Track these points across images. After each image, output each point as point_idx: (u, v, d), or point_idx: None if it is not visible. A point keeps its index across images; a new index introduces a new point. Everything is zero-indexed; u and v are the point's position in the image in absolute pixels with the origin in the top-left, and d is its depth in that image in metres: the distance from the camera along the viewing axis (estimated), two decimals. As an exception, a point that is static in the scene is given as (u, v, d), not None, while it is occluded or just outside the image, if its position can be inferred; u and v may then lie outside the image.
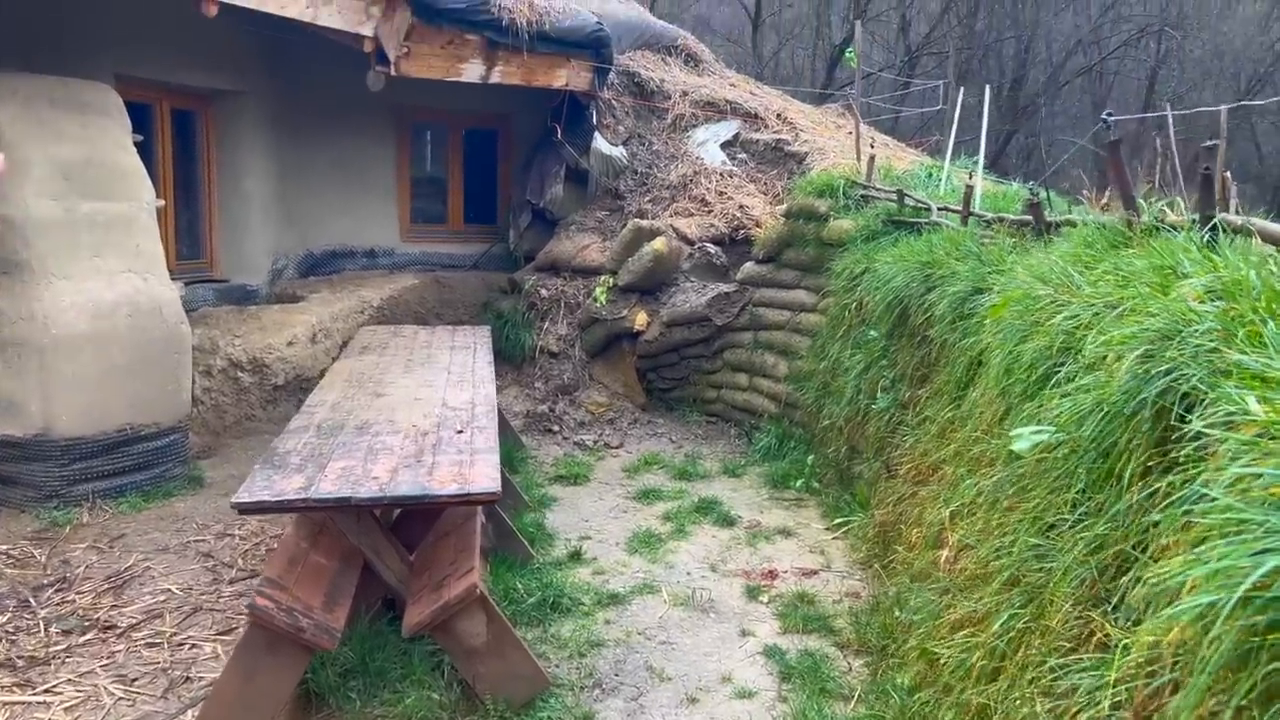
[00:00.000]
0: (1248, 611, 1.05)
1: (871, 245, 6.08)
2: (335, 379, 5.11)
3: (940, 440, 4.09)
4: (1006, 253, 4.30)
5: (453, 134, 9.63)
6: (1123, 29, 26.89)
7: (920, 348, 4.80)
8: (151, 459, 5.74)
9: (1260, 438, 1.29)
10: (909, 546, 4.13)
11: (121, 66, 6.73)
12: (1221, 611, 1.06)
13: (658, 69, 9.60)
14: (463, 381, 5.06)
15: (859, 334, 5.78)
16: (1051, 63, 27.28)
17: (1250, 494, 1.19)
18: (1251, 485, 1.21)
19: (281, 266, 8.66)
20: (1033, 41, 26.98)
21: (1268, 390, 1.37)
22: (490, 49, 7.89)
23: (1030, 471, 2.50)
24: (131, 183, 5.83)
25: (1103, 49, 27.40)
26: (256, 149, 8.22)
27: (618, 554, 5.15)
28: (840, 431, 5.82)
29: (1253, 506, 1.16)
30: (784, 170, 8.65)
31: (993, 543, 2.72)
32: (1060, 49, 27.21)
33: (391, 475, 3.43)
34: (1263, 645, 1.04)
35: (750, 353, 7.39)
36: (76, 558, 4.84)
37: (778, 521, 5.64)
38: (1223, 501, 1.22)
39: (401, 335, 6.39)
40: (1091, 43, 27.20)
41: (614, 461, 6.85)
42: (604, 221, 8.78)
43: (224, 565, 4.84)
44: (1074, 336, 2.45)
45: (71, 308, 5.35)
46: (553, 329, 8.17)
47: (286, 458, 3.63)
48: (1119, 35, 26.85)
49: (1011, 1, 27.05)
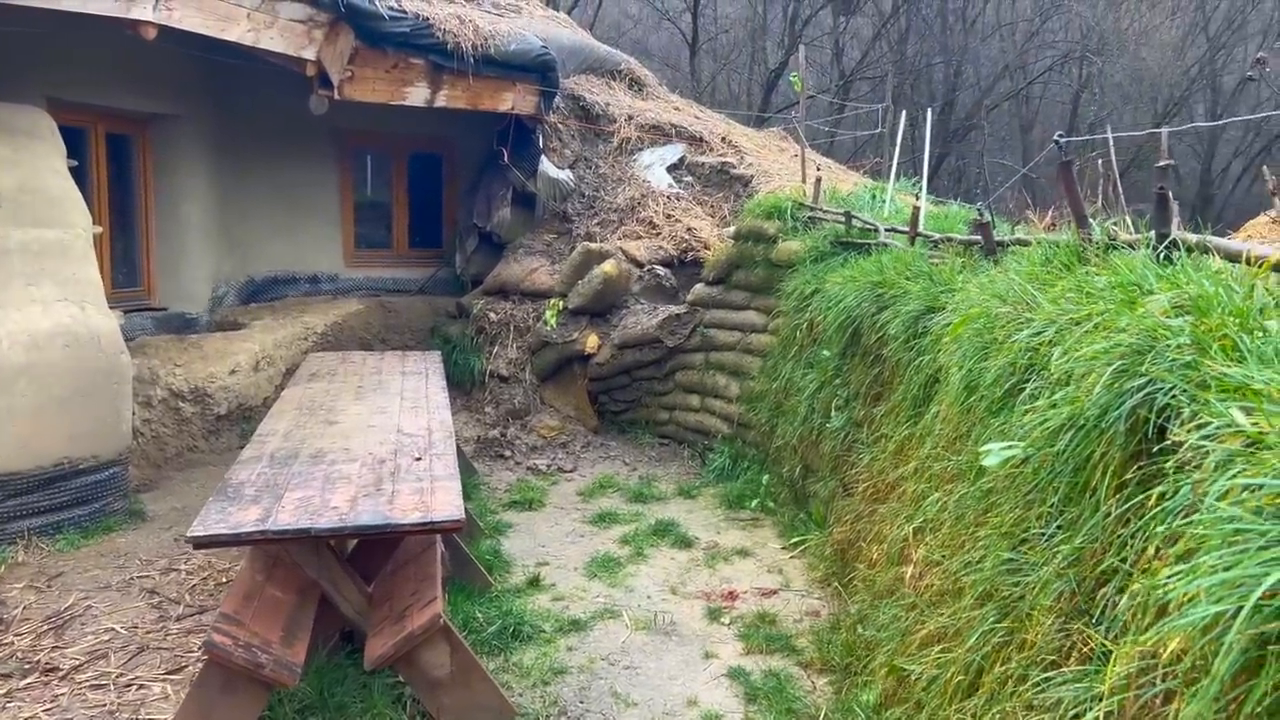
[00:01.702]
0: (1257, 620, 1.07)
1: (821, 266, 6.15)
2: (286, 407, 4.99)
3: (898, 458, 4.13)
4: (957, 272, 4.38)
5: (397, 158, 9.53)
6: (1046, 55, 27.81)
7: (874, 366, 4.85)
8: (91, 493, 5.54)
9: (1250, 448, 1.32)
10: (869, 564, 4.16)
11: (54, 89, 6.56)
12: (1234, 621, 1.08)
13: (603, 93, 9.64)
14: (417, 407, 4.98)
15: (811, 354, 5.84)
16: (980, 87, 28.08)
17: (1247, 504, 1.22)
18: (1246, 495, 1.23)
19: (222, 293, 8.47)
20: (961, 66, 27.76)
21: (1251, 401, 1.41)
22: (435, 73, 7.85)
23: (999, 486, 2.53)
24: (66, 209, 5.66)
25: (1028, 74, 28.30)
26: (195, 174, 8.05)
27: (577, 579, 5.10)
28: (794, 451, 5.86)
29: (1251, 516, 1.18)
30: (730, 193, 8.73)
31: (962, 557, 2.75)
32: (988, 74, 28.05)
33: (351, 505, 3.36)
34: (1274, 654, 1.06)
35: (702, 374, 7.42)
36: (13, 598, 4.64)
37: (735, 542, 5.64)
38: (1223, 511, 1.24)
39: (350, 361, 6.28)
40: (1018, 68, 28.07)
41: (568, 486, 6.80)
42: (552, 245, 8.76)
43: (170, 601, 4.68)
44: (1038, 353, 2.49)
45: (5, 338, 5.15)
46: (502, 353, 8.11)
47: (241, 489, 3.52)
48: (1043, 61, 27.76)
49: (940, 28, 27.83)
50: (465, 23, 7.92)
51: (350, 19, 7.13)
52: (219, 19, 6.30)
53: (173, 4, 5.95)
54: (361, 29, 7.26)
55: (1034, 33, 27.67)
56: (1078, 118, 28.12)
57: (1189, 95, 27.09)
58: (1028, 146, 29.80)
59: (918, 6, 27.60)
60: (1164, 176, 2.40)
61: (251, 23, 6.50)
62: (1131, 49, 27.55)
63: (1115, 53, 26.83)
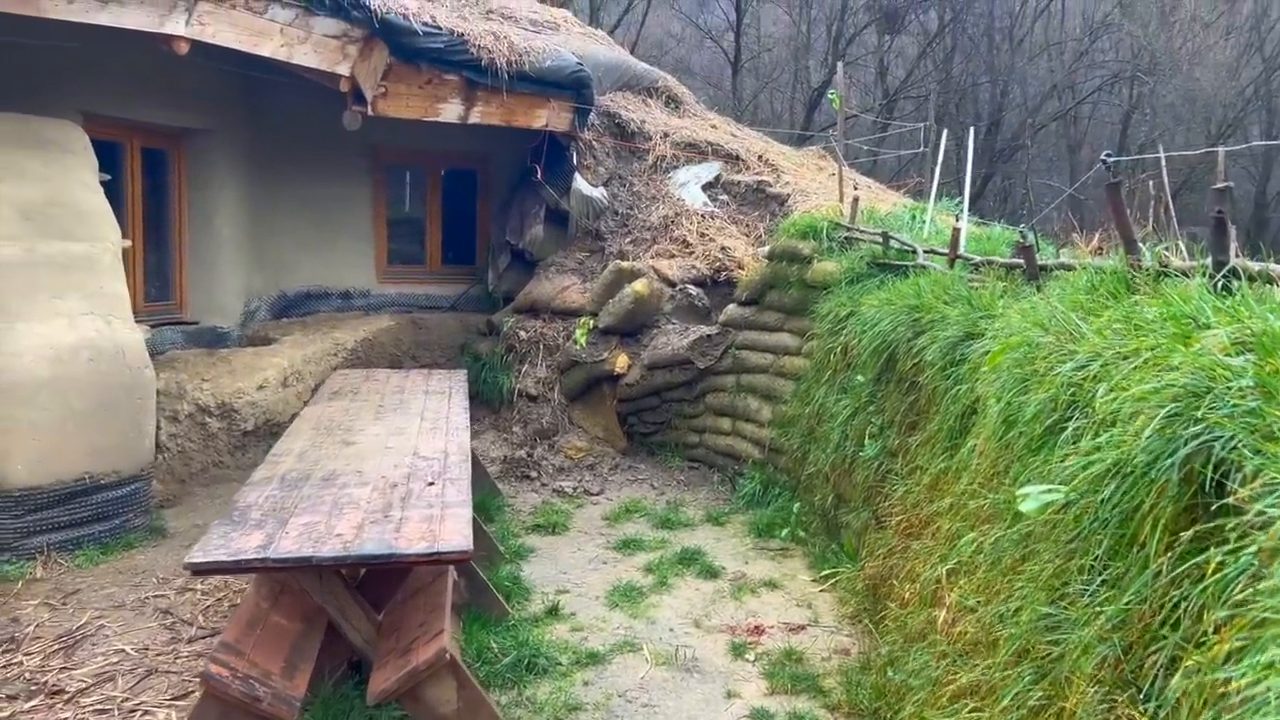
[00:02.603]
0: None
1: (857, 288, 5.96)
2: (303, 426, 4.91)
3: (933, 491, 3.93)
4: (997, 297, 4.18)
5: (431, 174, 9.50)
6: (1095, 75, 27.33)
7: (909, 394, 4.65)
8: (111, 509, 5.49)
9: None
10: (901, 603, 3.95)
11: (89, 104, 6.58)
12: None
13: (638, 110, 9.53)
14: (436, 429, 4.87)
15: (845, 379, 5.64)
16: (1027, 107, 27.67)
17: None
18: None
19: (254, 308, 8.46)
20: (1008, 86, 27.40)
21: (1328, 460, 1.23)
22: (469, 89, 7.80)
23: (1038, 533, 2.34)
24: (96, 223, 5.65)
25: (1076, 94, 27.84)
26: (229, 188, 8.05)
27: (597, 609, 4.93)
28: (826, 479, 5.66)
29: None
30: (766, 212, 8.57)
31: (997, 607, 2.55)
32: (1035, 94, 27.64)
33: (357, 532, 3.24)
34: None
35: (733, 396, 7.24)
36: (27, 615, 4.59)
37: (763, 573, 5.44)
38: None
39: (374, 379, 6.20)
40: (1066, 88, 27.63)
41: (594, 509, 6.65)
42: (584, 263, 8.65)
43: (183, 623, 4.59)
44: (1082, 389, 2.30)
45: (29, 351, 5.13)
46: (531, 371, 8.00)
47: (247, 512, 3.42)
48: (1092, 80, 27.28)
49: (987, 47, 27.49)
50: (500, 39, 7.86)
51: (384, 35, 7.10)
52: (252, 34, 6.29)
53: (205, 19, 5.95)
54: (396, 45, 7.23)
55: (1083, 52, 27.23)
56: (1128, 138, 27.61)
57: (1244, 116, 26.45)
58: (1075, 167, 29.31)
59: (964, 25, 27.32)
60: (1221, 199, 2.21)
61: (285, 38, 6.48)
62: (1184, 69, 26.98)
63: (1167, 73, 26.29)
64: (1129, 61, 26.60)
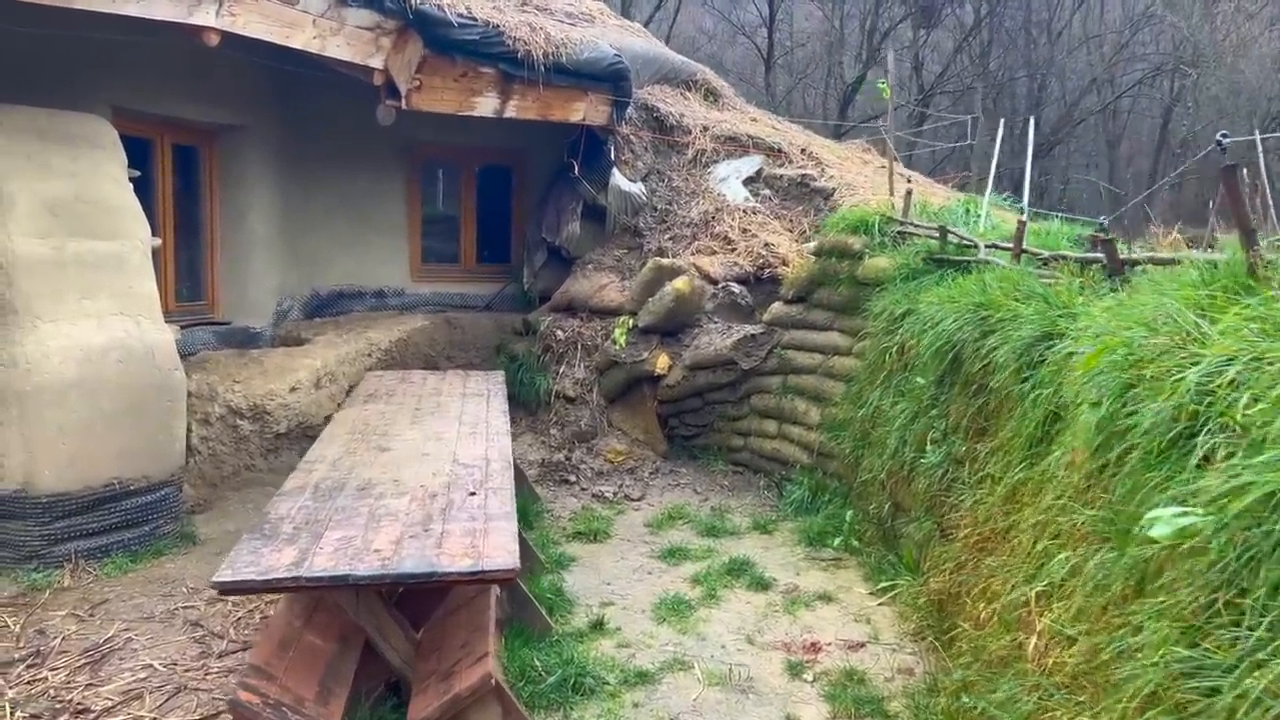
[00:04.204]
0: None
1: (913, 285, 5.68)
2: (337, 430, 4.72)
3: (1010, 504, 3.65)
4: (1077, 294, 3.90)
5: (465, 170, 9.30)
6: (1136, 68, 26.70)
7: (977, 397, 4.37)
8: (141, 516, 5.33)
9: None
10: (975, 623, 3.68)
11: (120, 99, 6.43)
12: None
13: (677, 103, 9.28)
14: (475, 433, 4.66)
15: (902, 380, 5.36)
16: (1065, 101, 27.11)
17: None
18: None
19: (287, 308, 8.30)
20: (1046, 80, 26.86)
21: None
22: (505, 82, 7.58)
23: (1164, 559, 2.07)
24: (125, 220, 5.48)
25: (1116, 88, 27.22)
26: (261, 186, 7.90)
27: (644, 623, 4.69)
28: (883, 486, 5.38)
29: None
30: (810, 207, 8.28)
31: (1107, 639, 2.28)
32: (1074, 87, 27.07)
33: (395, 548, 3.02)
34: None
35: (779, 398, 6.96)
36: (53, 627, 4.42)
37: (817, 585, 5.18)
38: None
39: (410, 381, 6.00)
40: (1105, 81, 27.02)
41: (635, 515, 6.41)
42: (622, 260, 8.42)
43: (213, 636, 4.41)
44: (1215, 398, 2.03)
45: (57, 352, 4.97)
46: (569, 372, 7.77)
47: (278, 525, 3.22)
48: (1132, 74, 26.65)
49: (1025, 41, 26.96)
50: (536, 30, 7.64)
51: (419, 26, 6.89)
52: (284, 25, 6.10)
53: (236, 9, 5.76)
54: (430, 36, 7.02)
55: (1123, 45, 26.61)
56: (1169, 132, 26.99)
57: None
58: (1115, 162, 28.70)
59: (1000, 19, 26.83)
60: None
61: (317, 29, 6.29)
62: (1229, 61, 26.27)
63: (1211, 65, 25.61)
64: (1170, 54, 25.97)
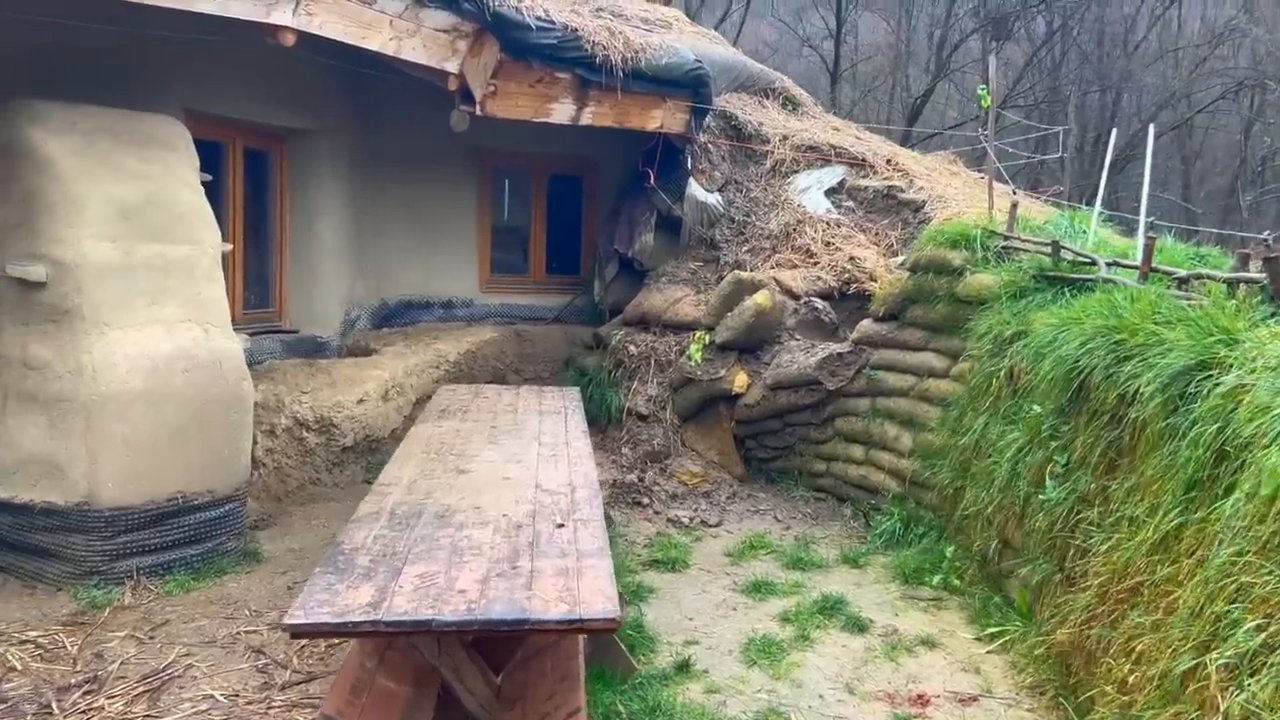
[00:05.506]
0: None
1: (1022, 304, 5.27)
2: (413, 448, 4.45)
3: (1163, 553, 3.24)
4: (1235, 318, 3.48)
5: (536, 179, 9.07)
6: (1215, 83, 25.72)
7: (1109, 430, 3.96)
8: (204, 532, 5.12)
9: None
10: (1119, 686, 3.27)
11: (193, 101, 6.30)
12: None
13: (755, 111, 8.95)
14: (556, 456, 4.36)
15: (1012, 407, 4.95)
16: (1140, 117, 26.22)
17: None
18: None
19: (355, 317, 8.12)
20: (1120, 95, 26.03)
21: None
22: (581, 88, 7.33)
23: None
24: (195, 224, 5.30)
25: (1193, 104, 26.24)
26: (331, 193, 7.73)
27: (732, 665, 4.34)
28: (988, 521, 4.97)
29: None
30: (898, 219, 7.89)
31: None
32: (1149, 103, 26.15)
33: (481, 588, 2.72)
34: None
35: (867, 422, 6.56)
36: (112, 650, 4.21)
37: (916, 628, 4.78)
38: None
39: (484, 397, 5.74)
40: (1183, 96, 26.09)
41: (714, 543, 6.06)
42: (697, 273, 8.10)
43: (277, 665, 4.16)
44: None
45: (124, 361, 4.79)
46: (642, 389, 7.45)
47: (353, 557, 2.94)
48: (1212, 89, 25.68)
49: (1098, 55, 26.15)
50: (615, 35, 7.38)
51: (496, 29, 6.67)
52: (361, 26, 5.90)
53: (314, 9, 5.57)
54: (507, 40, 6.79)
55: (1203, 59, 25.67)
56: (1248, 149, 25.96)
57: (1379, 126, 24.58)
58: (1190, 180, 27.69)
59: (1073, 33, 26.10)
60: None
61: (394, 31, 6.09)
62: (1316, 77, 25.18)
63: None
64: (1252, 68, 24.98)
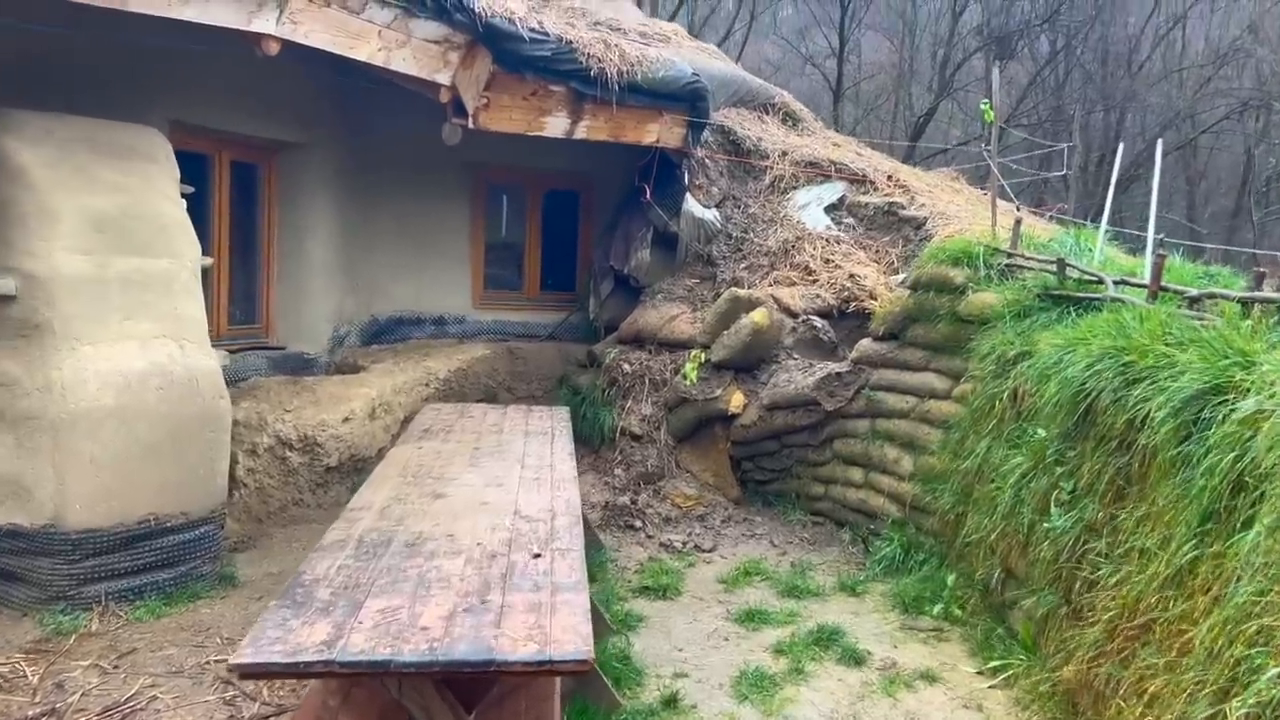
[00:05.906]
0: None
1: (1026, 323, 5.10)
2: (389, 471, 4.28)
3: (1176, 589, 3.06)
4: (1251, 339, 3.31)
5: (531, 194, 8.93)
6: (1219, 103, 25.60)
7: (1117, 456, 3.78)
8: (178, 555, 4.94)
9: None
10: (1130, 729, 3.08)
11: (178, 112, 6.17)
12: None
13: (754, 126, 8.81)
14: (539, 479, 4.18)
15: (1016, 431, 4.77)
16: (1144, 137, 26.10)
17: None
18: None
19: (344, 333, 7.97)
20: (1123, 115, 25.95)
21: None
22: (576, 101, 7.19)
23: None
24: (174, 238, 5.15)
25: (1197, 124, 26.13)
26: (321, 207, 7.59)
27: (722, 701, 4.14)
28: (991, 549, 4.78)
29: None
30: (899, 236, 7.73)
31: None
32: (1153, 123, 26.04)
33: (446, 625, 2.54)
34: None
35: (867, 444, 6.38)
36: (74, 680, 4.03)
37: (916, 661, 4.58)
38: None
39: (469, 416, 5.57)
40: (1186, 116, 25.99)
41: (707, 569, 5.87)
42: (694, 290, 7.93)
43: (246, 697, 3.98)
44: None
45: (95, 378, 4.63)
46: (636, 408, 7.27)
47: (313, 589, 2.76)
48: (1216, 110, 25.57)
49: (1101, 75, 26.08)
50: (611, 47, 7.25)
51: (488, 41, 6.54)
52: (348, 36, 5.77)
53: (299, 18, 5.44)
54: (500, 52, 6.66)
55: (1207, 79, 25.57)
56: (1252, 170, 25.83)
57: (1389, 146, 24.46)
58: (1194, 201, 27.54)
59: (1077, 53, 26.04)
60: None
61: (383, 41, 5.96)
62: (1324, 98, 25.06)
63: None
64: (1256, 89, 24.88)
